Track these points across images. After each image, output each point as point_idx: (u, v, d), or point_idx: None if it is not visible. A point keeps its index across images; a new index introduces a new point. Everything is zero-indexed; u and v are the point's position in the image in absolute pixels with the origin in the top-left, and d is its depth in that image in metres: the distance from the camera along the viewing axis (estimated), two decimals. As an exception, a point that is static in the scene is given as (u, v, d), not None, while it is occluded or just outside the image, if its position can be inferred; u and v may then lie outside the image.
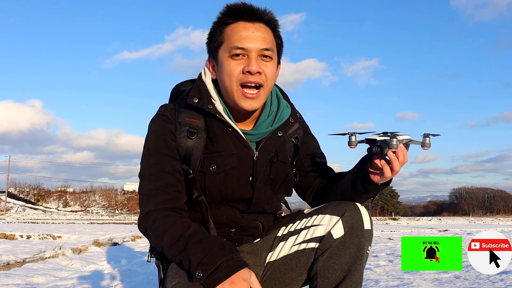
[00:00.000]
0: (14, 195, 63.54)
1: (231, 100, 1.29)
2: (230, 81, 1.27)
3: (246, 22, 1.28)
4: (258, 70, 1.25)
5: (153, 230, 1.22)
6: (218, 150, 1.29)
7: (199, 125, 1.31)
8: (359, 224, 1.29)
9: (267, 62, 1.28)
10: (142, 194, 1.28)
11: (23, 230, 10.83)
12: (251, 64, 1.25)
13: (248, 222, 1.35)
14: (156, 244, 1.25)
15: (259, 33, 1.27)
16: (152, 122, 1.34)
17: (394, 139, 1.20)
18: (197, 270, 1.10)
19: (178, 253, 1.16)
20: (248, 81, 1.26)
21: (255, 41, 1.26)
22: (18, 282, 3.26)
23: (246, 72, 1.25)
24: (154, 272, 3.93)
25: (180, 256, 1.16)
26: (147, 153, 1.31)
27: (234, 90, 1.27)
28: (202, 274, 1.09)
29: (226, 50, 1.27)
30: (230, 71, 1.26)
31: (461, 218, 43.24)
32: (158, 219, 1.22)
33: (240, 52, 1.25)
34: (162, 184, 1.26)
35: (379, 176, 1.28)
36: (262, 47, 1.27)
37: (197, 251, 1.12)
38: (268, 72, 1.28)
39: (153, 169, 1.28)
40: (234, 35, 1.26)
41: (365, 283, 3.24)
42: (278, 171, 1.37)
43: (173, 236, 1.18)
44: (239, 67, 1.26)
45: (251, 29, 1.27)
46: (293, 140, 1.42)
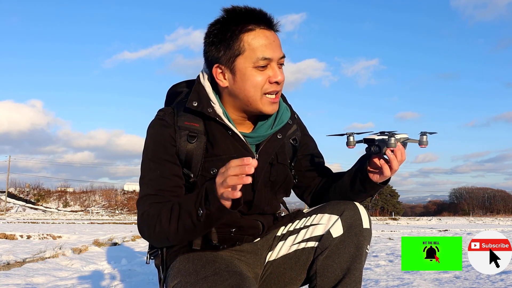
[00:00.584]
0: (14, 195, 63.56)
1: (252, 107, 1.29)
2: (255, 91, 1.26)
3: (265, 30, 1.26)
4: (283, 79, 1.28)
5: (149, 221, 1.20)
6: (219, 153, 1.29)
7: (198, 128, 1.30)
8: (358, 223, 1.30)
9: (281, 69, 1.30)
10: (140, 198, 1.27)
11: (23, 230, 10.83)
12: (277, 74, 1.26)
13: (249, 222, 1.35)
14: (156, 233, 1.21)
15: (277, 41, 1.28)
16: (150, 127, 1.33)
17: (392, 138, 1.21)
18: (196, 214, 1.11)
19: (177, 223, 1.16)
20: (274, 91, 1.27)
21: (275, 49, 1.26)
22: (18, 282, 3.26)
23: (273, 82, 1.26)
24: (154, 272, 3.93)
25: (180, 223, 1.15)
26: (146, 158, 1.30)
27: (258, 99, 1.27)
28: (202, 210, 1.11)
29: (250, 61, 1.24)
30: (257, 82, 1.25)
31: (461, 218, 43.26)
32: (151, 209, 1.21)
33: (266, 63, 1.25)
34: (159, 189, 1.25)
35: (378, 175, 1.28)
36: (281, 56, 1.28)
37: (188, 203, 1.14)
38: (283, 78, 1.29)
39: (152, 174, 1.27)
40: (257, 45, 1.24)
41: (365, 283, 3.24)
42: (278, 173, 1.37)
43: (166, 212, 1.18)
44: (264, 77, 1.26)
45: (271, 38, 1.26)
46: (291, 142, 1.42)
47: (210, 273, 1.16)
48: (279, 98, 1.31)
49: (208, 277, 1.15)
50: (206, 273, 1.17)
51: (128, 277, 3.72)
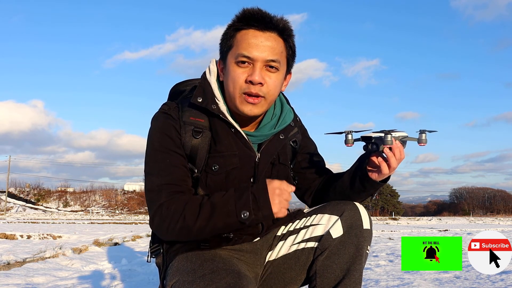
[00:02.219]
0: (15, 195, 63.54)
1: (233, 104, 1.29)
2: (233, 87, 1.26)
3: (257, 30, 1.26)
4: (260, 81, 1.24)
5: (170, 216, 1.19)
6: (221, 150, 1.29)
7: (204, 124, 1.30)
8: (358, 223, 1.29)
9: (272, 73, 1.27)
10: (151, 190, 1.25)
11: (23, 230, 10.83)
12: (254, 74, 1.24)
13: (248, 222, 1.35)
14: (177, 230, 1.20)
15: (268, 43, 1.25)
16: (154, 119, 1.33)
17: (388, 136, 1.21)
18: (240, 215, 1.15)
19: (206, 221, 1.17)
20: (249, 91, 1.25)
21: (262, 51, 1.24)
22: (18, 282, 3.26)
23: (248, 81, 1.25)
24: (154, 272, 3.93)
25: (211, 222, 1.17)
26: (153, 148, 1.29)
27: (236, 96, 1.27)
28: (248, 213, 1.15)
29: (233, 56, 1.26)
30: (234, 78, 1.26)
31: (461, 218, 43.24)
32: (172, 204, 1.20)
33: (245, 60, 1.24)
34: (172, 178, 1.24)
35: (377, 173, 1.28)
36: (268, 58, 1.25)
37: (224, 204, 1.17)
38: (271, 83, 1.27)
39: (162, 164, 1.26)
40: (243, 42, 1.25)
41: (365, 283, 3.24)
42: (278, 173, 1.37)
43: (193, 209, 1.18)
44: (243, 75, 1.25)
45: (260, 38, 1.25)
46: (291, 144, 1.43)
47: (207, 272, 1.17)
48: (260, 102, 1.27)
49: (205, 276, 1.15)
50: (203, 271, 1.17)
51: (128, 277, 3.72)
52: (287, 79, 1.37)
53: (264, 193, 1.16)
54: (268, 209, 1.15)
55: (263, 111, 1.30)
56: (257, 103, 1.27)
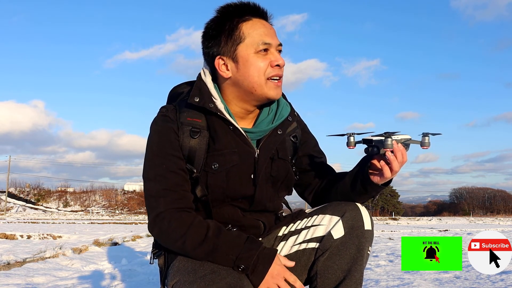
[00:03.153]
0: (15, 195, 63.54)
1: (257, 93, 1.31)
2: (259, 76, 1.29)
3: (261, 19, 1.33)
4: (284, 63, 1.32)
5: (169, 233, 1.23)
6: (220, 148, 1.30)
7: (201, 124, 1.31)
8: (359, 224, 1.29)
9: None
10: (150, 196, 1.27)
11: (24, 230, 10.84)
12: (278, 58, 1.31)
13: (250, 222, 1.35)
14: (174, 247, 1.25)
15: (273, 30, 1.34)
16: (154, 123, 1.34)
17: (389, 139, 1.20)
18: (238, 266, 1.19)
19: (205, 255, 1.21)
20: (277, 74, 1.31)
21: (273, 36, 1.32)
22: (18, 282, 3.26)
23: (275, 65, 1.30)
24: (154, 272, 3.94)
25: (210, 257, 1.21)
26: (151, 153, 1.30)
27: (263, 84, 1.30)
28: (244, 267, 1.18)
29: (251, 47, 1.29)
30: (260, 67, 1.29)
31: (461, 218, 43.24)
32: (173, 220, 1.22)
33: (267, 47, 1.30)
34: (170, 184, 1.25)
35: (379, 176, 1.28)
36: (279, 43, 1.33)
37: (229, 248, 1.20)
38: (284, 63, 1.34)
39: (159, 169, 1.27)
40: (256, 32, 1.30)
41: (365, 283, 3.25)
42: (279, 169, 1.37)
43: (196, 237, 1.21)
44: (266, 61, 1.30)
45: (268, 26, 1.33)
46: (291, 139, 1.43)
47: (208, 272, 1.17)
48: (281, 83, 1.34)
49: (206, 276, 1.15)
50: (204, 271, 1.17)
51: (128, 277, 3.72)
52: None
53: (267, 264, 1.20)
54: (260, 278, 1.19)
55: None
56: (280, 86, 1.35)
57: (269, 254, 1.22)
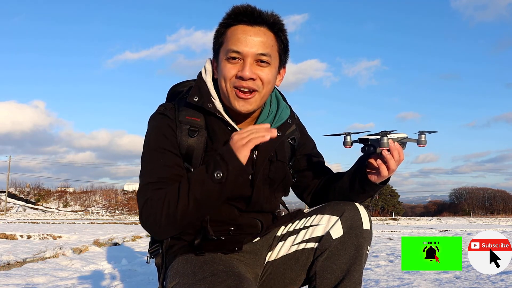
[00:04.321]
0: (15, 195, 63.53)
1: (226, 100, 1.30)
2: (225, 83, 1.28)
3: (246, 25, 1.26)
4: (251, 76, 1.24)
5: (154, 208, 1.19)
6: (218, 148, 1.29)
7: (200, 123, 1.31)
8: (358, 224, 1.29)
9: (264, 68, 1.27)
10: (141, 187, 1.25)
11: (24, 230, 10.83)
12: (244, 70, 1.24)
13: (247, 221, 1.35)
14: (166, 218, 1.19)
15: (257, 38, 1.25)
16: (151, 119, 1.34)
17: (385, 138, 1.20)
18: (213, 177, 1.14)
19: (187, 197, 1.17)
20: (241, 86, 1.26)
21: (251, 45, 1.25)
22: (18, 282, 3.26)
23: (238, 77, 1.25)
24: (154, 272, 3.93)
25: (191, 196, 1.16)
26: (148, 149, 1.30)
27: (228, 91, 1.28)
28: (220, 172, 1.14)
29: (224, 52, 1.27)
30: (225, 74, 1.27)
31: (461, 218, 43.21)
32: (155, 196, 1.20)
33: (235, 56, 1.25)
34: (164, 177, 1.24)
35: (376, 175, 1.28)
36: (259, 52, 1.25)
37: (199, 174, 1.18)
38: (265, 77, 1.27)
39: (154, 164, 1.27)
40: (232, 38, 1.26)
41: (365, 283, 3.24)
42: (277, 171, 1.37)
43: (173, 194, 1.18)
44: (234, 70, 1.26)
45: (249, 33, 1.25)
46: (290, 141, 1.43)
47: (208, 274, 1.16)
48: (254, 97, 1.27)
49: (206, 278, 1.15)
50: (204, 274, 1.17)
51: (128, 277, 3.72)
52: (282, 74, 1.37)
53: (228, 148, 1.16)
54: (235, 159, 1.14)
55: (257, 106, 1.30)
56: (250, 99, 1.27)
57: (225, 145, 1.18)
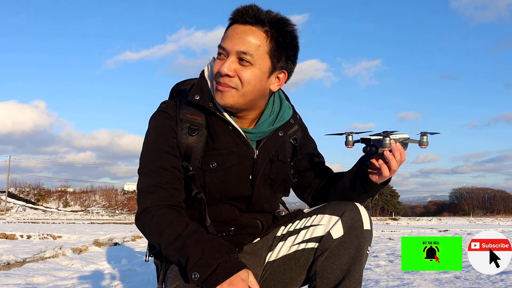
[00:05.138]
0: (15, 195, 63.55)
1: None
2: (212, 79, 1.29)
3: (239, 24, 1.26)
4: (227, 73, 1.22)
5: (151, 227, 1.22)
6: (219, 147, 1.29)
7: (200, 122, 1.31)
8: (358, 224, 1.29)
9: (245, 67, 1.23)
10: (140, 190, 1.27)
11: (23, 230, 10.83)
12: (222, 66, 1.23)
13: (247, 221, 1.35)
14: (153, 242, 1.25)
15: (244, 36, 1.22)
16: (152, 118, 1.34)
17: (387, 138, 1.20)
18: (193, 272, 1.09)
19: (175, 252, 1.15)
20: (218, 81, 1.26)
21: (234, 42, 1.22)
22: (18, 282, 3.26)
23: (216, 71, 1.26)
24: (154, 272, 3.92)
25: (177, 256, 1.15)
26: (147, 149, 1.31)
27: (214, 86, 1.28)
28: (198, 276, 1.08)
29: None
30: (213, 69, 1.28)
31: (461, 218, 43.23)
32: (156, 216, 1.21)
33: (221, 52, 1.26)
34: (160, 181, 1.25)
35: (378, 175, 1.28)
36: (239, 50, 1.22)
37: (194, 251, 1.12)
38: (245, 76, 1.23)
39: (152, 165, 1.27)
40: (224, 36, 1.27)
41: (365, 283, 3.24)
42: (278, 171, 1.37)
43: (171, 234, 1.17)
44: (218, 66, 1.26)
45: (237, 30, 1.24)
46: (291, 141, 1.43)
47: None
48: (231, 93, 1.24)
49: None
50: None
51: (128, 277, 3.72)
52: (281, 79, 1.31)
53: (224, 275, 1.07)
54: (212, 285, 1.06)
55: (235, 102, 1.26)
56: (226, 92, 1.24)
57: (232, 266, 1.09)
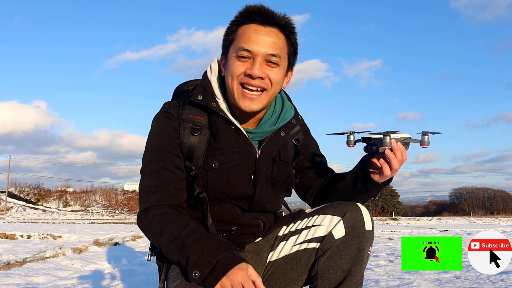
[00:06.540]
0: (15, 194, 63.49)
1: (232, 98, 1.30)
2: (232, 80, 1.28)
3: (259, 25, 1.27)
4: (260, 75, 1.25)
5: (152, 227, 1.23)
6: (221, 147, 1.30)
7: (202, 122, 1.31)
8: (360, 224, 1.29)
9: (273, 68, 1.28)
10: (142, 190, 1.29)
11: (24, 229, 10.82)
12: (253, 68, 1.25)
13: (249, 220, 1.36)
14: (154, 241, 1.26)
15: (269, 38, 1.26)
16: (155, 119, 1.35)
17: (387, 137, 1.21)
18: (193, 271, 1.10)
19: (175, 252, 1.16)
20: (248, 83, 1.26)
21: (262, 45, 1.26)
22: (18, 281, 3.26)
23: (247, 75, 1.26)
24: (154, 272, 3.94)
25: (177, 255, 1.16)
26: (149, 149, 1.31)
27: (234, 88, 1.28)
28: (199, 274, 1.09)
29: (234, 50, 1.28)
30: (233, 71, 1.27)
31: (461, 218, 43.20)
32: (157, 216, 1.22)
33: (246, 55, 1.26)
34: (162, 181, 1.26)
35: (379, 175, 1.29)
36: (269, 52, 1.26)
37: (194, 250, 1.13)
38: (274, 77, 1.28)
39: (154, 165, 1.28)
40: (243, 36, 1.27)
41: (366, 283, 3.25)
42: (279, 171, 1.37)
43: (171, 234, 1.18)
44: (243, 68, 1.26)
45: (261, 33, 1.26)
46: (293, 142, 1.43)
47: None
48: (260, 97, 1.28)
49: None
50: None
51: (128, 277, 3.72)
52: (288, 76, 1.38)
53: (224, 270, 1.07)
54: (213, 283, 1.07)
55: (262, 106, 1.30)
56: (256, 98, 1.28)
57: (231, 261, 1.09)
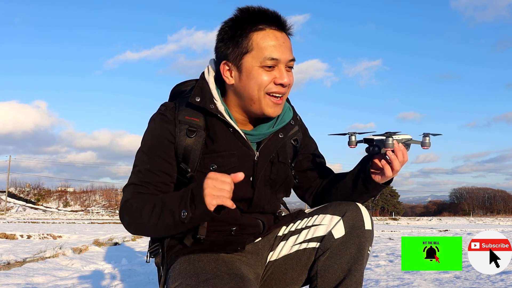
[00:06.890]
0: (15, 194, 63.48)
1: (255, 107, 1.29)
2: (258, 90, 1.26)
3: (275, 30, 1.26)
4: (289, 83, 1.27)
5: (131, 213, 1.22)
6: (219, 150, 1.29)
7: (199, 123, 1.30)
8: (360, 224, 1.30)
9: (290, 72, 1.29)
10: (126, 186, 1.29)
11: (24, 229, 10.83)
12: (283, 77, 1.26)
13: (249, 221, 1.35)
14: (138, 227, 1.24)
15: (287, 44, 1.28)
16: (151, 120, 1.35)
17: (390, 138, 1.21)
18: (180, 214, 1.13)
19: (158, 218, 1.17)
20: (278, 92, 1.27)
21: (284, 51, 1.26)
22: (18, 281, 3.27)
23: (278, 84, 1.26)
24: (154, 272, 3.93)
25: (161, 220, 1.17)
26: (141, 150, 1.32)
27: (261, 98, 1.27)
28: (186, 211, 1.12)
29: (257, 60, 1.25)
30: (262, 82, 1.25)
31: (461, 218, 43.21)
32: (134, 202, 1.23)
33: (272, 64, 1.25)
34: (145, 181, 1.27)
35: (380, 175, 1.29)
36: (290, 59, 1.27)
37: (172, 202, 1.16)
38: (292, 80, 1.30)
39: (141, 166, 1.29)
40: (266, 44, 1.24)
41: (366, 283, 3.25)
42: (278, 172, 1.37)
43: (149, 207, 1.19)
44: (270, 77, 1.26)
45: (281, 39, 1.26)
46: (292, 142, 1.43)
47: (211, 276, 1.17)
48: (283, 101, 1.31)
49: (209, 280, 1.15)
50: (207, 275, 1.17)
51: (128, 277, 3.72)
52: None
53: (199, 191, 1.11)
54: (203, 206, 1.10)
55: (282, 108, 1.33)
56: (280, 104, 1.30)
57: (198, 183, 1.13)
